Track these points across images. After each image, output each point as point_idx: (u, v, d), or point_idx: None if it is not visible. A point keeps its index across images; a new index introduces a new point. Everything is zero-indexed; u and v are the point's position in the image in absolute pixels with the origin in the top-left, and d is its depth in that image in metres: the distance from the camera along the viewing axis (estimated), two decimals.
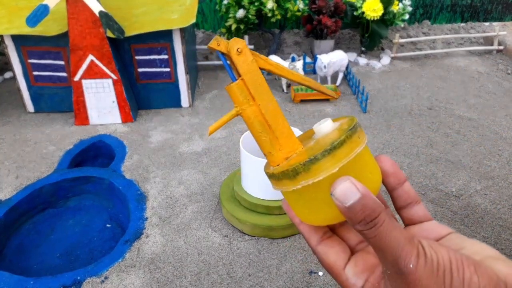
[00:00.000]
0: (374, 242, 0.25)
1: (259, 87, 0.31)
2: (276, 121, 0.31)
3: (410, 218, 0.32)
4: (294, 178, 0.28)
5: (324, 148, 0.27)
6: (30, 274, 0.62)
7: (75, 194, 0.78)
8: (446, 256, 0.25)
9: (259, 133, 0.31)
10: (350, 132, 0.28)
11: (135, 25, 0.93)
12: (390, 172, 0.32)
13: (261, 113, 0.31)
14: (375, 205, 0.25)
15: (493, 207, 0.70)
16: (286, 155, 0.31)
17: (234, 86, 0.30)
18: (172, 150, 0.88)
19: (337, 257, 0.30)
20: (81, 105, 0.96)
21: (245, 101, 0.31)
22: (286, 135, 0.31)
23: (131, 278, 0.57)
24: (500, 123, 0.99)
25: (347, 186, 0.25)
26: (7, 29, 0.92)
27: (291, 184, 0.29)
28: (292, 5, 1.30)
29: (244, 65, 0.31)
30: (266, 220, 0.63)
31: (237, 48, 0.30)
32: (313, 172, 0.27)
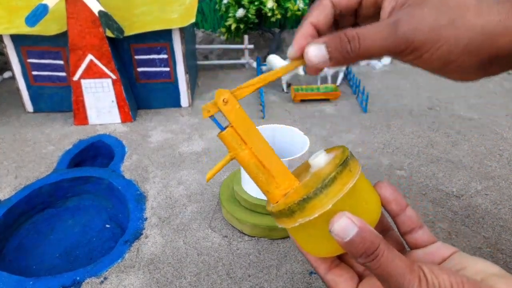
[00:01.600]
0: (377, 273, 0.26)
1: (248, 131, 0.33)
2: (269, 161, 0.33)
3: (414, 243, 0.33)
4: (291, 216, 0.30)
5: (316, 187, 0.29)
6: (29, 274, 0.62)
7: (74, 194, 0.78)
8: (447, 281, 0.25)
9: (255, 174, 0.33)
10: (340, 167, 0.29)
11: (135, 24, 0.93)
12: (390, 200, 0.32)
13: (254, 155, 0.33)
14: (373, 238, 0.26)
15: (494, 207, 0.70)
16: (283, 192, 0.33)
17: (225, 133, 0.33)
18: (171, 150, 0.88)
19: (346, 285, 0.31)
20: (80, 105, 0.96)
21: (237, 146, 0.33)
22: (282, 173, 0.33)
23: (131, 279, 0.57)
24: (500, 123, 0.98)
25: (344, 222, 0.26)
26: (6, 28, 0.91)
27: (289, 222, 0.31)
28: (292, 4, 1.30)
29: (231, 113, 0.33)
30: (266, 220, 0.62)
31: (223, 99, 0.32)
32: (308, 211, 0.29)
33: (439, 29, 0.27)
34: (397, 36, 0.27)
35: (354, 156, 0.32)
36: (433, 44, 0.27)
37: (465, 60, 0.27)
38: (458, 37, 0.27)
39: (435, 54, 0.27)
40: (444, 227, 0.65)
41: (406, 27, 0.27)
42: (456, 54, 0.27)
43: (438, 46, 0.27)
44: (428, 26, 0.27)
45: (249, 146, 0.33)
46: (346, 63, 0.30)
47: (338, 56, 0.29)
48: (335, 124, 0.98)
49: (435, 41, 0.27)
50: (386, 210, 0.33)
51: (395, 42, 0.27)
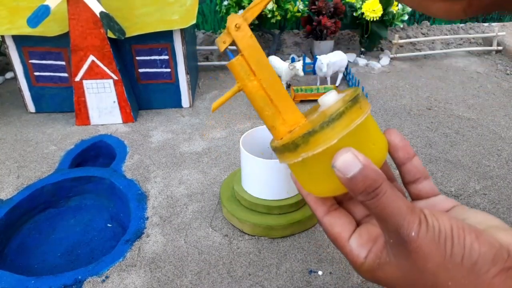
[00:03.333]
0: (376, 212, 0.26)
1: (259, 62, 0.31)
2: (278, 95, 0.31)
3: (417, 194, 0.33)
4: (294, 150, 0.29)
5: (323, 120, 0.27)
6: (31, 273, 0.62)
7: (76, 193, 0.78)
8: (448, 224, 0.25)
9: (261, 108, 0.32)
10: (350, 103, 0.27)
11: (136, 25, 0.93)
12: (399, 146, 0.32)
13: (262, 88, 0.31)
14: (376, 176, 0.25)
15: (492, 206, 0.71)
16: (289, 128, 0.31)
17: (235, 61, 0.31)
18: (172, 150, 0.88)
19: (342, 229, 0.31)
20: (82, 105, 0.96)
21: (246, 76, 0.31)
22: (289, 108, 0.31)
23: (132, 278, 0.57)
24: (499, 123, 0.99)
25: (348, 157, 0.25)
26: (8, 29, 0.92)
27: (292, 156, 0.29)
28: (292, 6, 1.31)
29: (243, 40, 0.31)
30: (266, 219, 0.63)
31: (235, 24, 0.31)
32: (312, 144, 0.28)
33: None
34: None
35: (365, 97, 0.31)
36: None
37: None
38: None
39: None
40: None
41: None
42: None
43: None
44: None
45: (258, 77, 0.31)
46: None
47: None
48: None
49: None
50: (393, 157, 0.32)
51: None
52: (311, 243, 0.62)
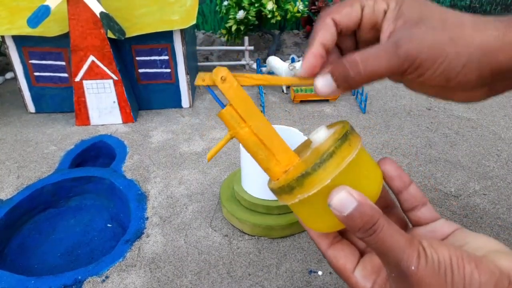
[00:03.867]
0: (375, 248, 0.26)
1: (247, 109, 0.32)
2: (269, 138, 0.33)
3: (416, 220, 0.33)
4: (290, 192, 0.30)
5: (315, 162, 0.29)
6: (31, 273, 0.62)
7: (76, 194, 0.78)
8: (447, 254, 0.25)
9: (255, 152, 0.34)
10: (339, 142, 0.29)
11: (136, 26, 0.93)
12: (394, 176, 0.32)
13: (253, 133, 0.33)
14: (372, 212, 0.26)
15: (492, 207, 0.71)
16: (284, 169, 0.33)
17: (224, 112, 0.32)
18: (172, 150, 0.88)
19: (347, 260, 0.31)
20: (82, 106, 0.96)
21: (237, 124, 0.33)
22: (282, 150, 0.33)
23: (132, 278, 0.57)
24: (498, 123, 0.99)
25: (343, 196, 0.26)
26: (8, 29, 0.92)
27: (289, 198, 0.31)
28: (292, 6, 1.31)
29: (230, 91, 0.32)
30: (266, 220, 0.63)
31: (221, 77, 0.31)
32: (306, 186, 0.29)
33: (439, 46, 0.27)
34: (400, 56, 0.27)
35: (355, 131, 0.31)
36: (434, 60, 0.27)
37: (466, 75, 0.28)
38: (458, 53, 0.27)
39: (438, 70, 0.27)
40: None
41: (408, 46, 0.27)
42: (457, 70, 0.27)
43: (440, 62, 0.27)
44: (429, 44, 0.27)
45: (248, 124, 0.33)
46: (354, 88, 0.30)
47: (343, 82, 0.29)
48: None
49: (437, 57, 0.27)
50: (389, 187, 0.33)
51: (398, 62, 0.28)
52: (311, 243, 0.63)
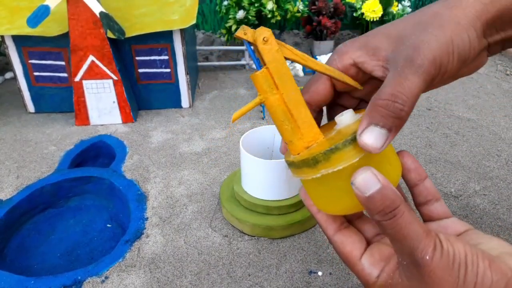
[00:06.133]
0: (391, 233, 0.26)
1: (283, 76, 0.31)
2: (298, 111, 0.32)
3: (429, 215, 0.33)
4: (314, 166, 0.29)
5: (346, 138, 0.28)
6: (30, 273, 0.62)
7: (75, 194, 0.78)
8: (462, 250, 0.25)
9: (281, 122, 0.32)
10: None
11: (136, 26, 0.93)
12: (411, 168, 0.33)
13: (284, 102, 0.31)
14: (394, 196, 0.26)
15: (492, 207, 0.71)
16: (307, 144, 0.32)
17: (259, 74, 0.31)
18: (172, 150, 0.88)
19: (354, 247, 0.31)
20: (81, 106, 0.96)
21: (269, 89, 0.31)
22: (308, 125, 0.32)
23: (132, 278, 0.57)
24: (499, 123, 0.99)
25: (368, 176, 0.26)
26: (8, 29, 0.92)
27: (311, 172, 0.30)
28: (292, 6, 1.31)
29: (269, 54, 0.31)
30: (266, 220, 0.63)
31: (263, 37, 0.31)
32: (333, 161, 0.28)
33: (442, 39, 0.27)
34: (423, 66, 0.27)
35: None
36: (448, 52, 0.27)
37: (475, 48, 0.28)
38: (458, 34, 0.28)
39: (455, 58, 0.28)
40: None
41: (421, 55, 0.27)
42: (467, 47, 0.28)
43: (452, 51, 0.28)
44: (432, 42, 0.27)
45: (280, 91, 0.31)
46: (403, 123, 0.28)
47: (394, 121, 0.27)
48: None
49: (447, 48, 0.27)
50: (405, 179, 0.33)
51: (426, 71, 0.27)
52: (311, 244, 0.62)
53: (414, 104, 0.28)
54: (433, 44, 0.27)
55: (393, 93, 0.27)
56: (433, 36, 0.27)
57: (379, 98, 0.27)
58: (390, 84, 0.27)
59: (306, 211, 0.64)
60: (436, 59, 0.27)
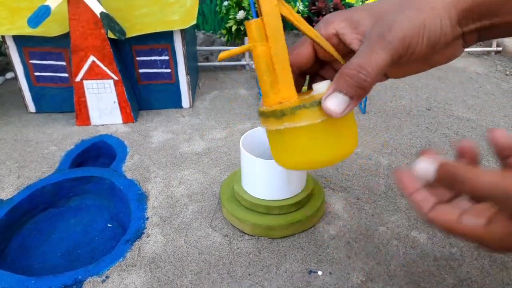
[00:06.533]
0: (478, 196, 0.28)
1: (275, 30, 0.32)
2: (281, 66, 0.33)
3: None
4: (280, 118, 0.32)
5: (314, 100, 0.30)
6: (31, 273, 0.62)
7: (76, 194, 0.78)
8: None
9: (262, 73, 0.33)
10: None
11: (136, 26, 0.94)
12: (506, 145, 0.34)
13: (270, 55, 0.33)
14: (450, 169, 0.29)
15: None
16: (280, 100, 0.33)
17: (253, 23, 0.32)
18: (172, 150, 0.89)
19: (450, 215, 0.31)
20: (82, 106, 0.96)
21: (259, 39, 0.32)
22: (286, 82, 0.33)
23: (132, 277, 0.57)
24: (498, 123, 0.99)
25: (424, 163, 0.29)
26: (8, 29, 0.92)
27: (276, 123, 0.32)
28: (291, 6, 1.31)
29: (267, 6, 0.32)
30: (266, 220, 0.63)
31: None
32: (297, 118, 0.31)
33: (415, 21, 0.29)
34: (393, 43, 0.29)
35: None
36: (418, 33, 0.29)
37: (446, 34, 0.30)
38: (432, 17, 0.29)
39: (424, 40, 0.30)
40: None
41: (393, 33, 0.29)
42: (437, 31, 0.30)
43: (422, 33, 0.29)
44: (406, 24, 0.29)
45: (269, 44, 0.32)
46: (367, 92, 0.31)
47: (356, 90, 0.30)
48: None
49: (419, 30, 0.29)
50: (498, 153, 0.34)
51: (394, 49, 0.29)
52: (311, 243, 0.63)
53: (377, 76, 0.30)
54: (405, 24, 0.29)
55: (360, 64, 0.29)
56: (407, 17, 0.29)
57: (347, 68, 0.30)
58: (359, 56, 0.30)
59: (306, 211, 0.65)
60: (406, 38, 0.29)
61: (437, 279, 0.57)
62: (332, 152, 0.33)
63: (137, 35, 0.93)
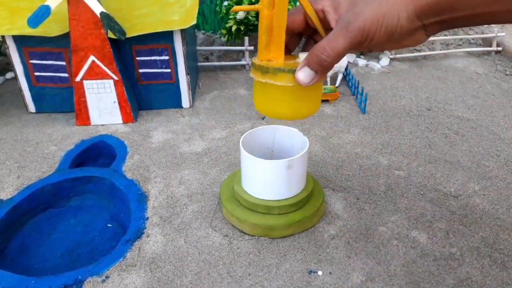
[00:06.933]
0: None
1: (282, 4, 0.40)
2: (278, 31, 0.42)
3: None
4: (264, 74, 0.42)
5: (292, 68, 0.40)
6: (31, 273, 0.62)
7: (76, 194, 0.78)
8: None
9: (262, 32, 0.42)
10: None
11: (136, 26, 0.93)
12: None
13: (271, 19, 0.41)
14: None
15: (492, 207, 0.71)
16: (270, 58, 0.43)
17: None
18: (172, 150, 0.89)
19: None
20: (82, 106, 0.96)
21: (267, 5, 0.41)
22: (279, 44, 0.42)
23: (132, 277, 0.57)
24: (498, 123, 0.99)
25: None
26: (8, 29, 0.92)
27: (260, 76, 0.42)
28: (291, 6, 1.31)
29: None
30: (266, 220, 0.63)
31: None
32: (276, 77, 0.41)
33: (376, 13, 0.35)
34: (353, 31, 0.36)
35: None
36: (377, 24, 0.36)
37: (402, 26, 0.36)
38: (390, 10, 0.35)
39: (382, 30, 0.36)
40: (442, 226, 0.66)
41: (355, 23, 0.36)
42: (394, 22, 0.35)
43: (381, 24, 0.36)
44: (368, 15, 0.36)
45: (274, 11, 0.41)
46: (329, 69, 0.39)
47: (320, 67, 0.39)
48: (334, 124, 0.99)
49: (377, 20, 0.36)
50: None
51: (353, 38, 0.36)
52: (310, 243, 0.63)
53: (337, 58, 0.38)
54: (367, 15, 0.36)
55: (324, 47, 0.37)
56: (370, 9, 0.36)
57: (315, 48, 0.38)
58: (326, 39, 0.37)
59: (307, 211, 0.65)
60: (365, 28, 0.36)
61: (437, 279, 0.57)
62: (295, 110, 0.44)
63: (137, 35, 0.93)
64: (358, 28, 0.36)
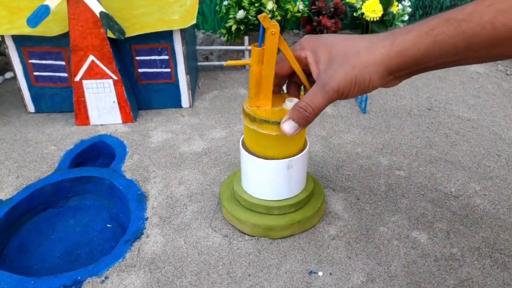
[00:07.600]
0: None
1: (270, 58, 0.47)
2: (266, 84, 0.49)
3: None
4: (251, 121, 0.50)
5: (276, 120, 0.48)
6: (30, 274, 0.62)
7: (75, 194, 0.78)
8: None
9: (252, 84, 0.49)
10: None
11: (136, 25, 0.93)
12: None
13: (260, 74, 0.48)
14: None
15: (492, 207, 0.71)
16: (259, 105, 0.51)
17: (257, 50, 0.48)
18: (172, 150, 0.88)
19: None
20: (81, 105, 0.96)
21: (257, 61, 0.47)
22: (266, 95, 0.50)
23: (132, 278, 0.57)
24: (499, 123, 0.99)
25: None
26: (8, 29, 0.92)
27: (249, 122, 0.51)
28: (292, 6, 1.31)
29: (271, 43, 0.47)
30: (266, 220, 0.63)
31: (272, 31, 0.46)
32: (262, 127, 0.50)
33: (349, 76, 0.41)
34: (329, 92, 0.42)
35: None
36: (350, 85, 0.41)
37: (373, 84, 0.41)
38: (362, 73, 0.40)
39: (355, 90, 0.42)
40: (442, 227, 0.66)
41: (331, 85, 0.42)
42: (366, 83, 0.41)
43: (353, 85, 0.41)
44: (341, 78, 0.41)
45: (263, 67, 0.47)
46: (310, 122, 0.46)
47: (303, 121, 0.46)
48: (335, 124, 0.98)
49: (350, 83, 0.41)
50: None
51: (330, 97, 0.43)
52: (311, 244, 0.62)
53: (317, 112, 0.45)
54: (340, 78, 0.41)
55: (306, 104, 0.44)
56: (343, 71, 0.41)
57: (298, 105, 0.45)
58: (307, 96, 0.44)
59: (307, 211, 0.64)
60: (340, 88, 0.41)
61: (438, 280, 0.56)
62: (279, 152, 0.54)
63: (137, 35, 0.92)
64: (333, 89, 0.41)
